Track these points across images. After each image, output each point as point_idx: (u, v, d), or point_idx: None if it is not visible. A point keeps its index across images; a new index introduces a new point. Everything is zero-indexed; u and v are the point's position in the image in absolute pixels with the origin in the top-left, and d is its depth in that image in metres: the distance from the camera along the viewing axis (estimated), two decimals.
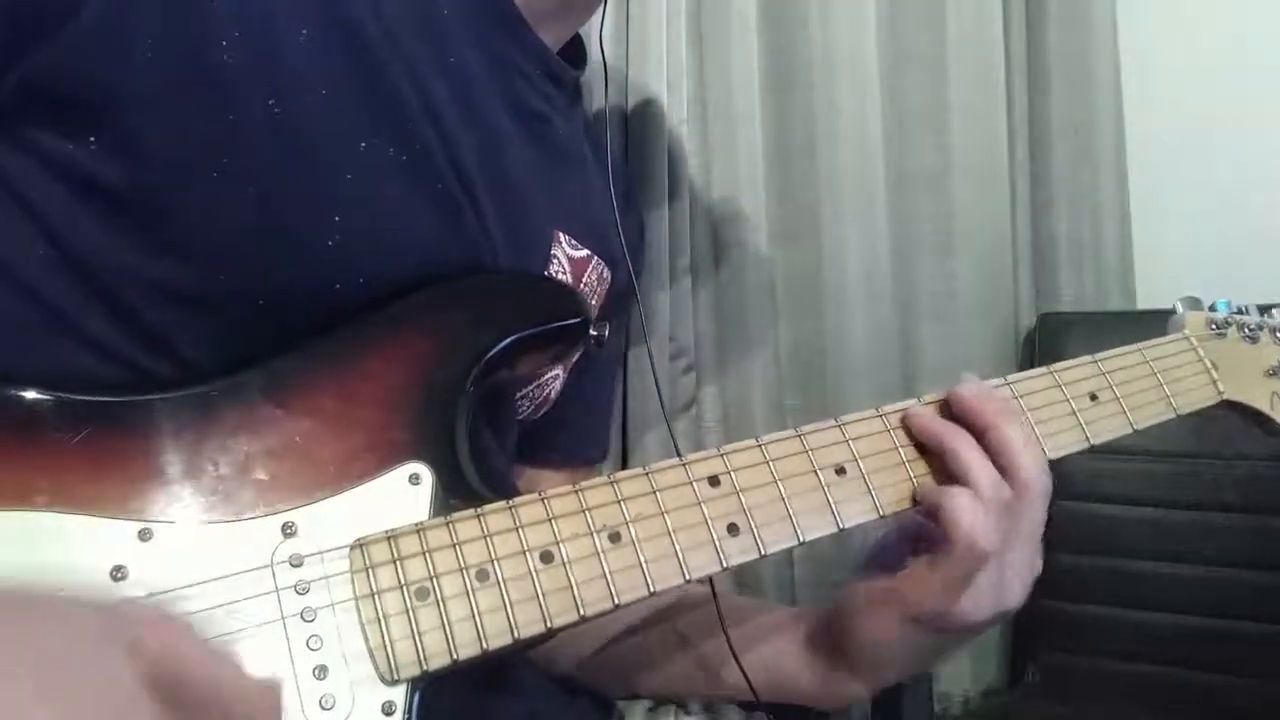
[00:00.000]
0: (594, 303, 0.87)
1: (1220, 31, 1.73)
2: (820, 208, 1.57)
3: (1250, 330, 0.83)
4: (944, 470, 0.68)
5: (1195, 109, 1.74)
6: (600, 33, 1.09)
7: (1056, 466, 0.73)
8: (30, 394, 0.55)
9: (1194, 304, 0.84)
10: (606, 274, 0.88)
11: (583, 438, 0.96)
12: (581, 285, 0.84)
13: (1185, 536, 1.53)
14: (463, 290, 0.70)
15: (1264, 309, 0.86)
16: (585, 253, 0.84)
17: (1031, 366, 0.94)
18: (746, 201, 1.53)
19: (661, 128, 1.45)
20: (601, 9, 0.93)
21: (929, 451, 0.69)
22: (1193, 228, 1.74)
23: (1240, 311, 0.84)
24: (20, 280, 0.60)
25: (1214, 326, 0.82)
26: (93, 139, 0.59)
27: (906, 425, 0.70)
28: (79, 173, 0.59)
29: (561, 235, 0.82)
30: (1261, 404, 0.81)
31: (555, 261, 0.81)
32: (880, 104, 1.57)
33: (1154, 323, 0.84)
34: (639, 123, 1.44)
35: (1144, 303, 1.77)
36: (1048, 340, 1.66)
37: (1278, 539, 1.48)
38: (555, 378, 0.84)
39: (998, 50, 1.65)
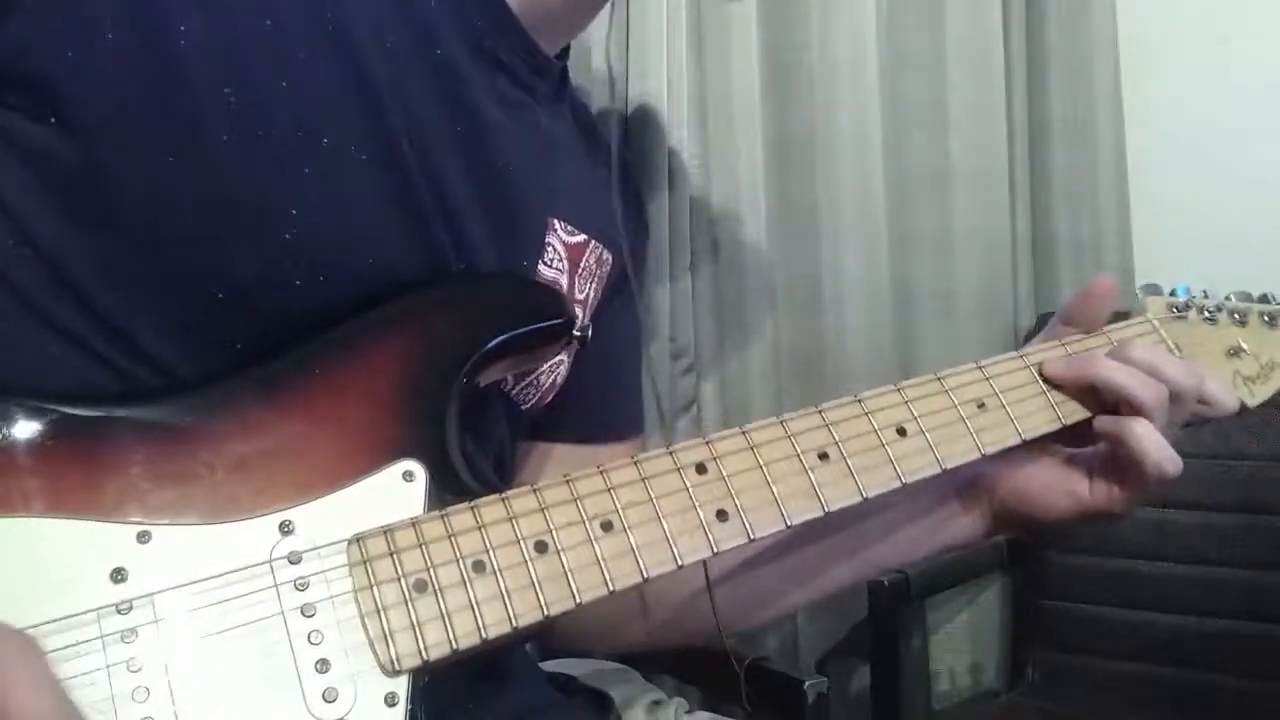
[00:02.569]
0: (594, 285, 0.87)
1: (1220, 31, 1.73)
2: (820, 207, 1.57)
3: (1210, 312, 0.84)
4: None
5: (1195, 108, 1.75)
6: (607, 39, 1.10)
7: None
8: (26, 401, 0.55)
9: (1154, 290, 0.86)
10: (606, 256, 0.88)
11: (606, 415, 0.96)
12: (579, 270, 0.85)
13: (1185, 536, 1.54)
14: (450, 291, 0.70)
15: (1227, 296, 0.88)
16: (582, 238, 0.85)
17: None
18: (746, 201, 1.53)
19: (661, 129, 1.45)
20: (609, 17, 0.93)
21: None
22: (1193, 227, 1.74)
23: (1198, 295, 0.86)
24: None
25: (1174, 310, 0.84)
26: (53, 119, 0.59)
27: (1045, 374, 0.75)
28: (41, 154, 0.59)
29: (556, 222, 0.82)
30: (1226, 383, 0.82)
31: (550, 249, 0.81)
32: (880, 104, 1.57)
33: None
34: (639, 124, 1.44)
35: None
36: None
37: (1278, 539, 1.49)
38: (560, 362, 0.84)
39: (998, 50, 1.65)
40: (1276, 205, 1.68)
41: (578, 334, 0.73)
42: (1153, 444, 0.71)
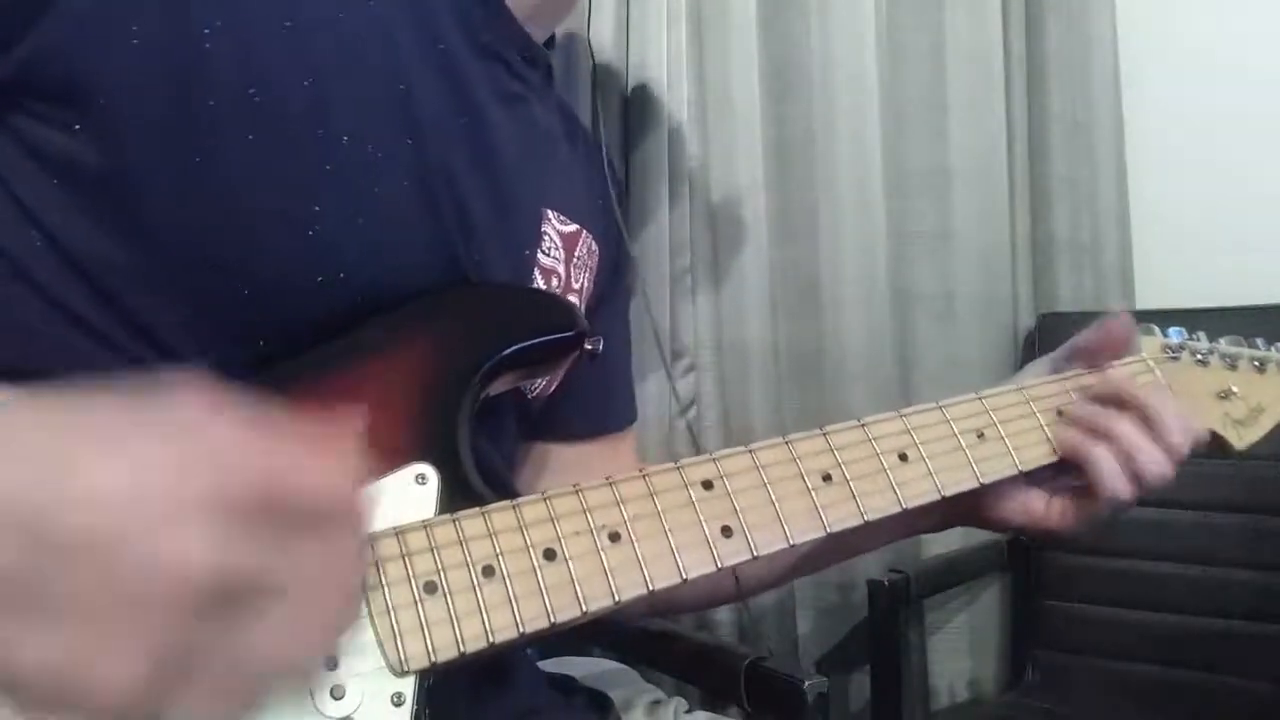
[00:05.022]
0: (587, 276, 0.89)
1: (1220, 31, 1.74)
2: (819, 207, 1.57)
3: (1202, 355, 0.87)
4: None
5: (1195, 109, 1.75)
6: (588, 27, 1.10)
7: None
8: (34, 386, 0.55)
9: (1149, 330, 0.88)
10: (595, 247, 0.90)
11: (608, 406, 0.99)
12: (574, 259, 0.86)
13: (1185, 536, 1.54)
14: (466, 300, 0.71)
15: (1211, 336, 0.90)
16: (575, 227, 0.86)
17: None
18: (746, 201, 1.54)
19: (661, 127, 1.45)
20: (588, 7, 0.94)
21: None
22: (1192, 228, 1.75)
23: (1192, 338, 0.88)
24: (18, 268, 0.61)
25: (1168, 351, 0.86)
26: (78, 125, 0.59)
27: (1070, 415, 0.78)
28: (64, 159, 0.60)
29: (550, 213, 0.83)
30: (1215, 425, 0.84)
31: (547, 238, 0.82)
32: (879, 104, 1.58)
33: (1153, 323, 0.88)
34: (639, 123, 1.44)
35: (1143, 303, 1.78)
36: (1047, 340, 1.66)
37: (1278, 539, 1.49)
38: None
39: (997, 50, 1.65)
40: (1276, 205, 1.68)
41: (589, 347, 0.74)
42: (1109, 469, 0.75)
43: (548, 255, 0.83)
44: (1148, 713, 1.50)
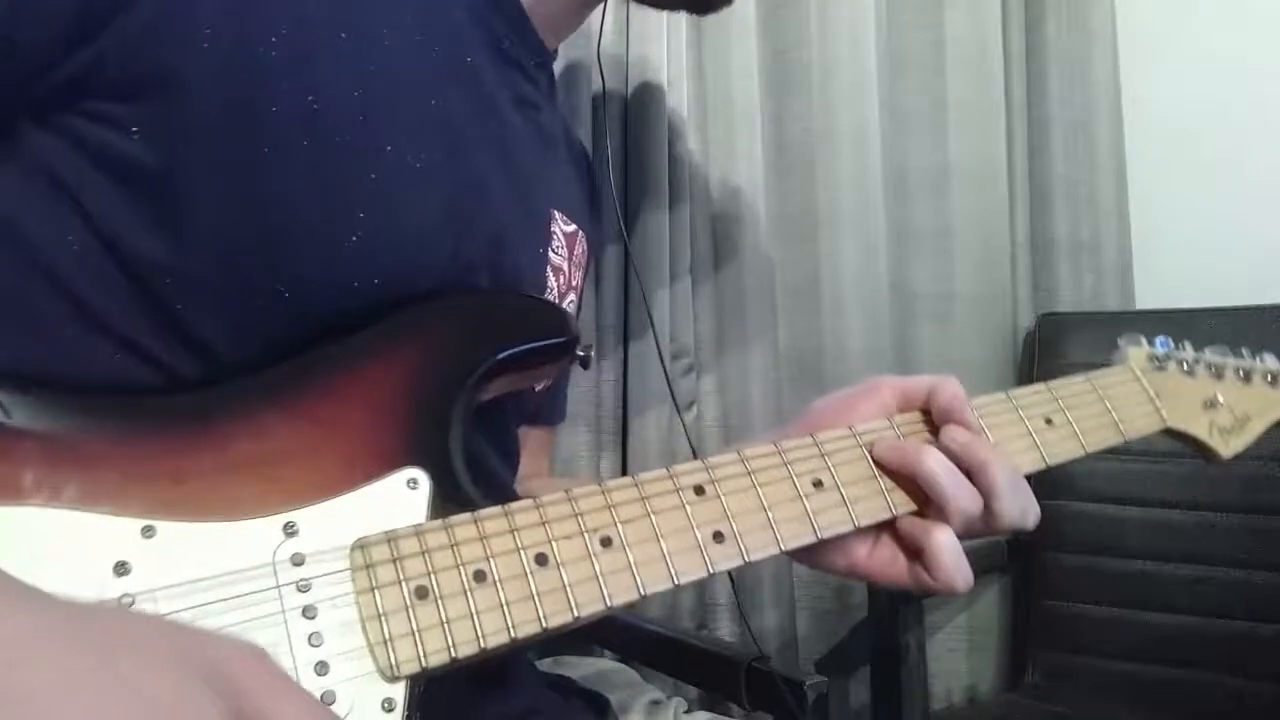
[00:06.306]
0: (580, 274, 0.91)
1: (1220, 31, 1.74)
2: (819, 208, 1.57)
3: (1188, 365, 0.88)
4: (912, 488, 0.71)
5: (1195, 109, 1.75)
6: (600, 34, 1.10)
7: (1058, 468, 0.77)
8: (34, 390, 0.55)
9: (1135, 340, 0.89)
10: (586, 249, 0.93)
11: (553, 404, 1.04)
12: (574, 259, 0.88)
13: (1185, 536, 1.54)
14: (459, 306, 0.72)
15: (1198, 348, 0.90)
16: (574, 228, 0.89)
17: (1031, 366, 0.93)
18: (746, 201, 1.53)
19: (662, 128, 1.45)
20: (602, 11, 0.95)
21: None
22: (1191, 228, 1.75)
23: (1178, 347, 0.89)
24: (52, 272, 0.61)
25: (1155, 361, 0.87)
26: (135, 128, 0.60)
27: (875, 455, 0.71)
28: (118, 160, 0.60)
29: (557, 213, 0.86)
30: (1201, 433, 0.85)
31: (555, 237, 0.85)
32: (879, 104, 1.58)
33: (1152, 323, 0.88)
34: (639, 123, 1.44)
35: (1142, 303, 1.78)
36: (1047, 340, 1.66)
37: (1278, 539, 1.49)
38: None
39: (997, 51, 1.65)
40: (1275, 205, 1.68)
41: (581, 353, 0.75)
42: (950, 556, 0.68)
43: (556, 254, 0.85)
44: (1148, 713, 1.50)
